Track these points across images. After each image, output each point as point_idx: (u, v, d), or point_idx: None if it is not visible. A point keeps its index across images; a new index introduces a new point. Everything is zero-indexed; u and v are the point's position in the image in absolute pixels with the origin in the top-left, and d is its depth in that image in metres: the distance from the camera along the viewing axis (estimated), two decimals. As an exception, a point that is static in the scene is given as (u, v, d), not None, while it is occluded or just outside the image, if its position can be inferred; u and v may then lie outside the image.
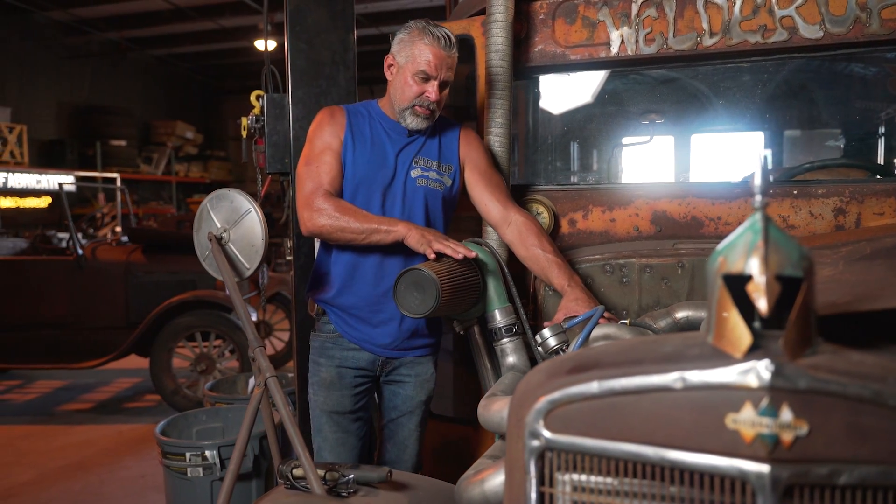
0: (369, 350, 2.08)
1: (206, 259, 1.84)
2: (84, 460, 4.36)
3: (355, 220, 1.90)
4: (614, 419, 0.85)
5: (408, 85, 1.98)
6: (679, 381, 0.80)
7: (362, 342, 2.07)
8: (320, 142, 2.03)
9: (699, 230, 2.21)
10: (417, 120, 2.02)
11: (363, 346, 2.07)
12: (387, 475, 1.47)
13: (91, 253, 5.54)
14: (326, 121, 2.06)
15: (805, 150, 3.14)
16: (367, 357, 2.09)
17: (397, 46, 2.03)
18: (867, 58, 2.37)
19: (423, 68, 1.95)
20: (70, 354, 5.36)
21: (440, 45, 1.95)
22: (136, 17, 13.91)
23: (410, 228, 1.89)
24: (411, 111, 2.01)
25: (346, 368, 2.07)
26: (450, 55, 1.97)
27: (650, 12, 2.19)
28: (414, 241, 1.86)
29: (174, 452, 2.83)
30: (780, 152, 3.19)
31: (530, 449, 0.91)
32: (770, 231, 0.79)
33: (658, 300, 2.07)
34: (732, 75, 2.49)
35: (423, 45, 1.96)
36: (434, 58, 1.95)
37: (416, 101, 1.99)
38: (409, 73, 1.98)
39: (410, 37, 1.99)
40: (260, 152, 3.01)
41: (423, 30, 1.97)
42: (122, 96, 16.61)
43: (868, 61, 2.44)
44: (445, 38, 1.95)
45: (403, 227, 1.89)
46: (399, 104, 2.02)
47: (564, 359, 0.96)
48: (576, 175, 3.28)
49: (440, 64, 1.95)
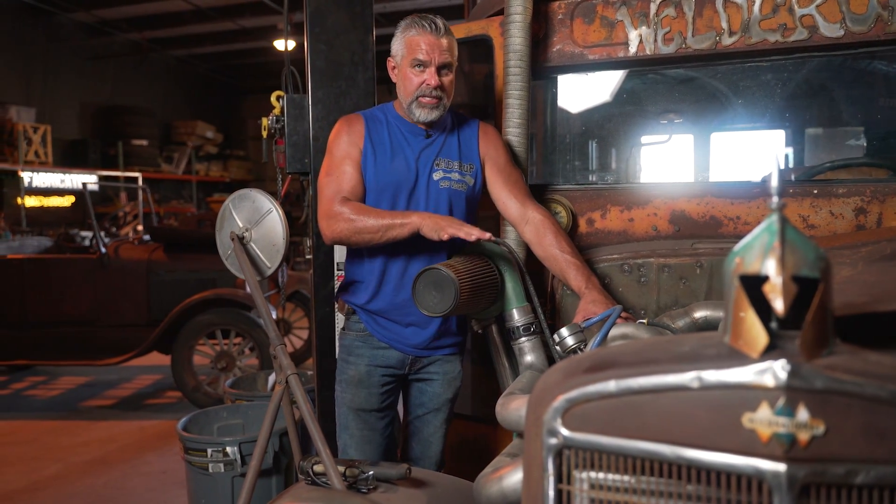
0: (399, 349, 2.10)
1: (229, 258, 1.87)
2: (107, 456, 4.43)
3: (371, 219, 1.92)
4: (631, 418, 0.86)
5: (407, 78, 2.02)
6: (696, 380, 0.81)
7: (392, 341, 2.09)
8: (339, 152, 2.06)
9: (718, 230, 2.20)
10: (425, 111, 2.03)
11: (393, 345, 2.09)
12: (406, 472, 1.49)
13: (114, 251, 5.63)
14: (344, 130, 2.09)
15: (826, 148, 3.11)
16: (397, 356, 2.11)
17: (393, 47, 2.08)
18: (889, 56, 2.35)
19: (416, 56, 1.99)
20: (93, 351, 5.45)
21: (428, 31, 1.98)
22: (158, 18, 14.07)
23: (424, 218, 1.89)
24: (416, 103, 2.02)
25: (375, 367, 2.10)
26: (439, 38, 1.99)
27: (669, 11, 2.19)
28: (428, 229, 1.86)
29: (196, 448, 2.87)
30: (800, 151, 3.16)
31: (548, 446, 0.92)
32: (787, 232, 0.80)
33: (676, 300, 2.07)
34: (750, 74, 2.48)
35: (410, 36, 2.00)
36: (425, 44, 1.98)
37: (419, 91, 2.00)
38: (406, 67, 2.01)
39: (400, 33, 2.05)
40: (280, 152, 3.04)
41: (410, 21, 2.03)
42: (144, 96, 16.81)
43: (890, 59, 2.41)
44: (432, 24, 1.99)
45: (417, 218, 1.89)
46: (405, 99, 2.05)
47: (581, 358, 0.97)
48: (594, 174, 3.27)
49: (431, 48, 1.98)
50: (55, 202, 13.86)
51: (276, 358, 1.63)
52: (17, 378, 6.51)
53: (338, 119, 2.89)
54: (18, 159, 11.99)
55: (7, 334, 5.48)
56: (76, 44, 14.81)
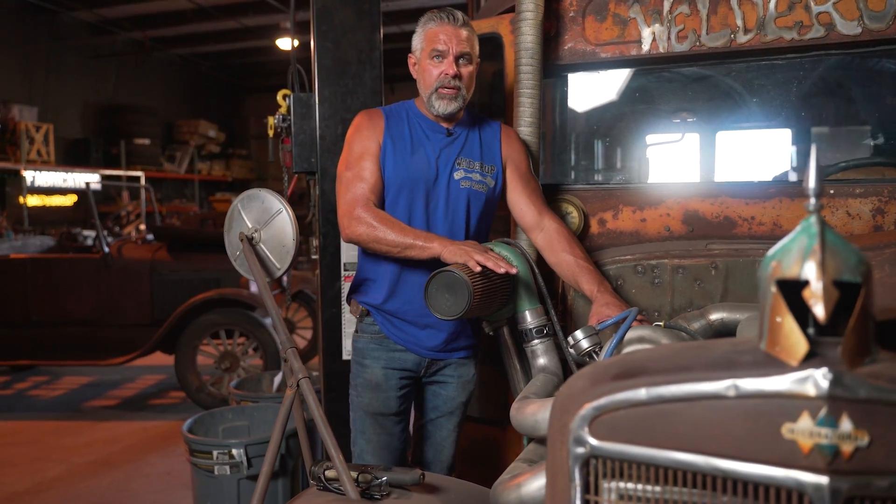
0: (415, 352, 2.07)
1: (237, 259, 1.84)
2: (111, 457, 4.41)
3: (392, 232, 1.89)
4: (662, 427, 0.83)
5: (427, 70, 2.01)
6: (732, 388, 0.78)
7: (409, 344, 2.06)
8: (359, 146, 2.03)
9: (732, 230, 2.17)
10: (444, 102, 2.01)
11: (409, 348, 2.06)
12: (420, 477, 1.46)
13: (117, 251, 5.60)
14: (365, 124, 2.06)
15: (840, 148, 3.07)
16: (413, 358, 2.08)
17: (413, 43, 2.07)
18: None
19: (435, 46, 1.98)
20: (96, 351, 5.43)
21: (446, 21, 1.98)
22: (160, 17, 14.04)
23: (445, 245, 1.85)
24: (436, 94, 2.01)
25: (392, 370, 2.06)
26: (457, 28, 1.98)
27: (682, 9, 2.16)
28: (451, 255, 1.82)
29: (201, 450, 2.85)
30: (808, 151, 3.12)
31: (575, 456, 0.89)
32: (826, 235, 0.77)
33: (691, 301, 2.04)
34: (761, 72, 2.44)
35: (429, 28, 2.00)
36: (442, 34, 1.97)
37: (438, 81, 1.99)
38: (426, 59, 2.01)
39: (419, 28, 2.05)
40: (286, 151, 3.01)
41: (429, 15, 2.02)
42: (146, 95, 16.78)
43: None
44: (450, 15, 1.99)
45: (439, 245, 1.86)
46: (425, 92, 2.03)
47: (608, 364, 0.94)
48: (600, 173, 3.24)
49: (449, 38, 1.97)
50: (57, 201, 13.84)
51: (287, 361, 1.60)
52: (20, 378, 6.49)
53: (344, 118, 2.88)
54: (21, 158, 11.97)
55: (10, 334, 5.46)
56: (79, 42, 14.79)
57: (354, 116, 2.85)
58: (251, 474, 2.83)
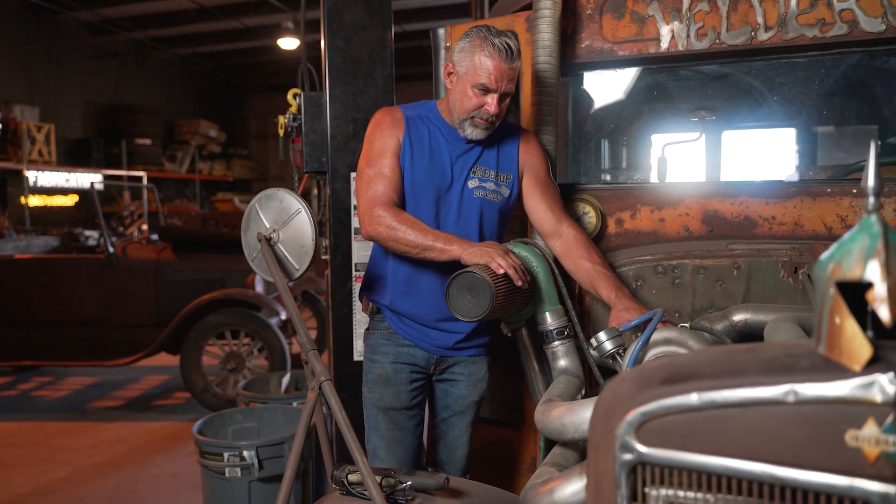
0: (424, 348, 2.06)
1: (255, 260, 1.81)
2: (117, 458, 4.38)
3: (412, 232, 1.86)
4: (715, 433, 0.80)
5: (467, 96, 1.92)
6: (790, 394, 0.76)
7: (418, 340, 2.05)
8: (380, 143, 1.99)
9: (752, 230, 2.15)
10: (476, 131, 1.97)
11: (418, 344, 2.05)
12: (444, 482, 1.43)
13: (122, 251, 5.58)
14: (386, 121, 2.02)
15: (861, 147, 3.04)
16: (422, 355, 2.07)
17: (458, 55, 1.95)
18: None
19: (483, 81, 1.88)
20: (101, 352, 5.40)
21: (502, 58, 1.87)
22: (161, 17, 14.01)
23: (465, 248, 1.82)
24: (470, 122, 1.96)
25: (401, 364, 2.06)
26: (511, 67, 1.89)
27: (702, 6, 2.13)
28: (471, 256, 1.80)
29: (212, 452, 2.82)
30: (832, 149, 3.10)
31: (621, 462, 0.86)
32: (889, 235, 0.75)
33: (712, 303, 2.01)
34: (781, 70, 2.41)
35: (483, 57, 1.88)
36: (495, 70, 1.87)
37: (476, 112, 1.93)
38: (468, 84, 1.91)
39: (471, 46, 1.91)
40: (297, 151, 2.99)
41: (485, 40, 1.88)
42: (147, 95, 16.75)
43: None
44: (507, 50, 1.87)
45: (458, 248, 1.83)
46: (458, 114, 1.97)
47: (654, 368, 0.92)
48: (614, 173, 3.22)
49: (501, 76, 1.88)
50: (58, 201, 13.81)
51: (309, 363, 1.58)
52: (24, 378, 6.47)
53: (355, 117, 2.86)
54: (22, 158, 11.94)
55: (15, 334, 5.44)
56: (80, 42, 14.76)
57: (365, 115, 2.86)
58: (262, 476, 2.81)
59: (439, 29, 2.59)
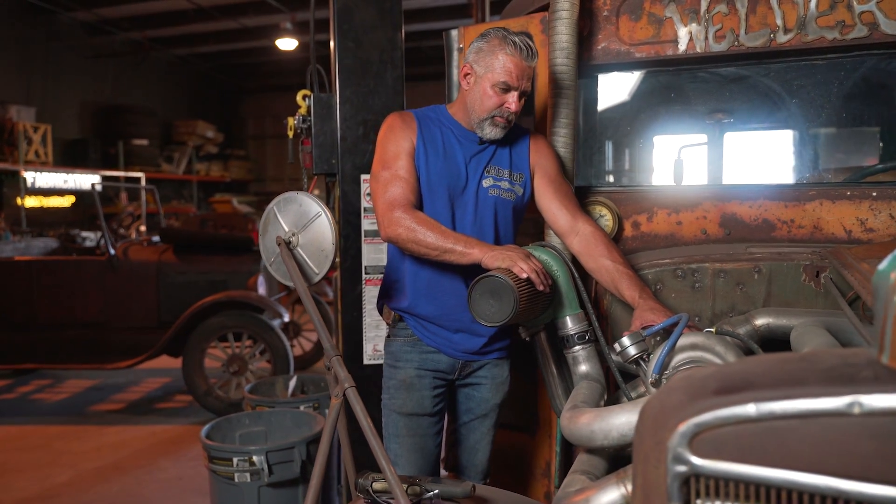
0: (449, 354, 2.03)
1: (273, 263, 1.79)
2: (120, 461, 4.35)
3: (432, 234, 1.84)
4: (774, 445, 0.78)
5: (487, 95, 1.92)
6: (855, 405, 0.74)
7: (442, 346, 2.03)
8: (394, 145, 1.97)
9: (771, 233, 2.13)
10: (496, 130, 1.96)
11: (443, 350, 2.03)
12: (471, 490, 1.41)
13: (123, 253, 5.54)
14: (398, 125, 2.00)
15: (876, 149, 3.04)
16: (446, 360, 2.04)
17: (475, 55, 1.95)
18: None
19: (504, 79, 1.89)
20: (103, 354, 5.36)
21: (521, 56, 1.88)
22: (159, 17, 13.97)
23: (486, 251, 1.81)
24: (490, 122, 1.95)
25: (425, 371, 2.03)
26: (530, 65, 1.91)
27: (720, 8, 2.11)
28: (492, 260, 1.78)
29: (221, 457, 2.79)
30: (848, 152, 3.09)
31: (674, 474, 0.84)
32: (956, 243, 0.73)
33: (733, 306, 2.00)
34: (800, 72, 2.40)
35: (503, 55, 1.89)
36: (515, 68, 1.88)
37: (496, 111, 1.93)
38: (488, 84, 1.91)
39: (490, 46, 1.92)
40: (306, 152, 2.96)
41: (504, 39, 1.89)
42: (145, 96, 16.71)
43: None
44: (526, 48, 1.89)
45: (479, 251, 1.81)
46: (477, 114, 1.96)
47: (704, 377, 0.90)
48: (623, 175, 3.20)
49: (521, 74, 1.89)
50: (55, 202, 13.74)
51: (332, 369, 1.56)
52: (23, 381, 6.42)
53: (365, 119, 2.84)
54: (19, 159, 11.88)
55: (16, 337, 5.40)
56: (77, 43, 14.71)
57: (375, 117, 2.84)
58: (272, 481, 2.78)
59: (452, 31, 2.58)
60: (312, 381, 3.90)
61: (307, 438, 2.86)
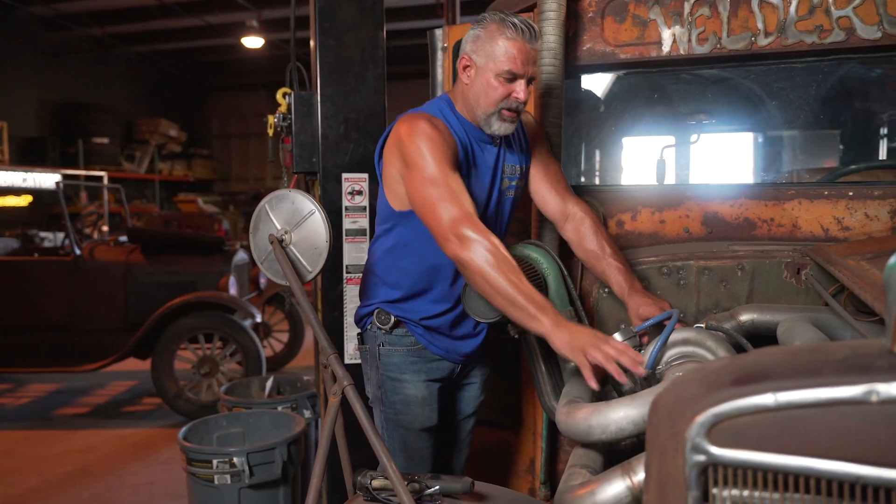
0: (451, 359, 2.00)
1: (265, 262, 1.77)
2: (88, 466, 4.25)
3: (505, 281, 1.59)
4: (793, 433, 0.81)
5: (492, 87, 1.77)
6: (872, 393, 0.76)
7: (447, 352, 1.97)
8: (441, 155, 1.72)
9: (751, 232, 2.18)
10: (504, 125, 1.82)
11: (446, 357, 1.98)
12: (471, 485, 1.42)
13: (89, 253, 5.42)
14: (436, 134, 1.74)
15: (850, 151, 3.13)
16: (448, 366, 2.00)
17: (473, 45, 1.80)
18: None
19: (509, 67, 1.74)
20: (69, 358, 5.23)
21: (524, 38, 1.73)
22: (121, 13, 13.66)
23: (559, 327, 1.56)
24: (498, 116, 1.81)
25: (432, 381, 1.97)
26: (534, 48, 1.76)
27: (703, 11, 2.16)
28: (561, 345, 1.55)
29: (200, 459, 2.75)
30: (821, 153, 3.18)
31: (692, 464, 0.86)
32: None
33: (717, 303, 2.04)
34: (780, 75, 2.47)
35: (504, 41, 1.73)
36: (519, 53, 1.73)
37: (504, 103, 1.78)
38: (491, 74, 1.76)
39: (488, 33, 1.76)
40: (287, 151, 2.94)
41: (503, 22, 1.74)
42: (105, 93, 16.31)
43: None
44: (528, 29, 1.74)
45: (550, 323, 1.57)
46: (483, 109, 1.81)
47: (719, 368, 0.92)
48: (605, 175, 3.24)
49: (526, 59, 1.75)
50: (11, 202, 13.34)
51: (329, 367, 1.55)
52: (-18, 386, 6.24)
53: (347, 117, 2.82)
54: (-26, 157, 11.52)
55: (-22, 340, 5.24)
56: (35, 38, 14.30)
57: (357, 115, 2.83)
58: (253, 483, 2.75)
59: (436, 30, 2.58)
60: (288, 381, 3.86)
61: (288, 439, 2.83)
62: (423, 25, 12.35)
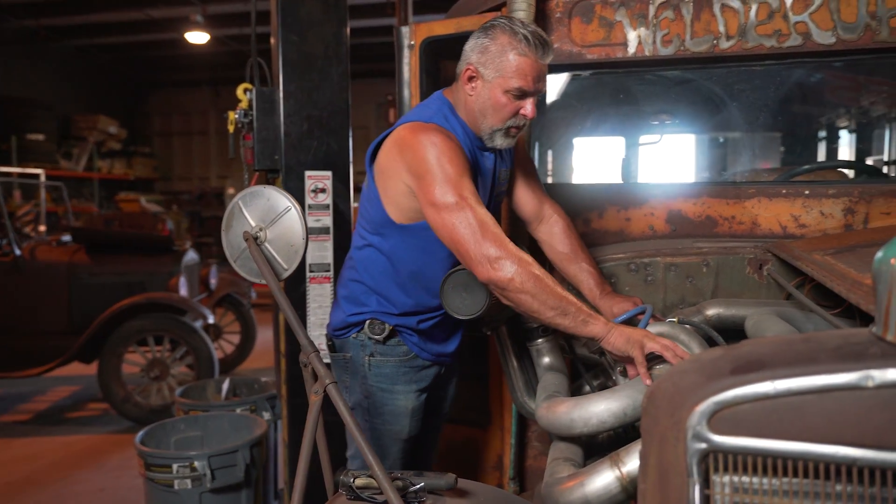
0: (440, 362, 1.98)
1: (239, 259, 1.73)
2: (33, 475, 4.08)
3: (550, 294, 1.53)
4: (792, 420, 0.84)
5: (500, 104, 1.69)
6: (868, 379, 0.80)
7: (437, 356, 1.95)
8: (459, 167, 1.62)
9: (713, 229, 2.25)
10: (508, 141, 1.77)
11: (437, 361, 1.96)
12: (454, 482, 1.42)
13: (30, 253, 5.20)
14: (450, 144, 1.65)
15: (804, 151, 3.26)
16: (434, 372, 1.98)
17: (481, 56, 1.70)
18: (874, 64, 2.48)
19: (519, 84, 1.66)
20: (9, 362, 5.00)
21: (536, 54, 1.65)
22: (57, 5, 13.16)
23: (612, 329, 1.53)
24: (504, 132, 1.74)
25: (422, 391, 1.94)
26: (545, 63, 1.69)
27: (667, 14, 2.21)
28: (617, 341, 1.52)
29: (159, 464, 2.68)
30: (777, 153, 3.29)
31: (693, 451, 0.88)
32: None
33: (683, 298, 2.09)
34: (741, 77, 2.55)
35: (516, 56, 1.65)
36: (531, 70, 1.65)
37: (512, 121, 1.72)
38: (499, 90, 1.68)
39: (498, 45, 1.67)
40: (248, 148, 2.89)
41: (515, 35, 1.64)
42: (40, 88, 15.67)
43: (873, 67, 2.54)
44: (542, 44, 1.65)
45: (602, 324, 1.54)
46: (489, 124, 1.73)
47: (717, 358, 0.95)
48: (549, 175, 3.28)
49: (538, 76, 1.67)
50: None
51: (308, 366, 1.52)
52: (-89, 394, 5.91)
53: (310, 114, 2.79)
54: None
55: None
56: (-37, 29, 13.66)
57: (320, 112, 2.80)
58: (215, 487, 2.69)
59: (403, 27, 2.57)
60: (245, 383, 3.79)
61: (250, 441, 2.78)
62: (377, 25, 12.26)
